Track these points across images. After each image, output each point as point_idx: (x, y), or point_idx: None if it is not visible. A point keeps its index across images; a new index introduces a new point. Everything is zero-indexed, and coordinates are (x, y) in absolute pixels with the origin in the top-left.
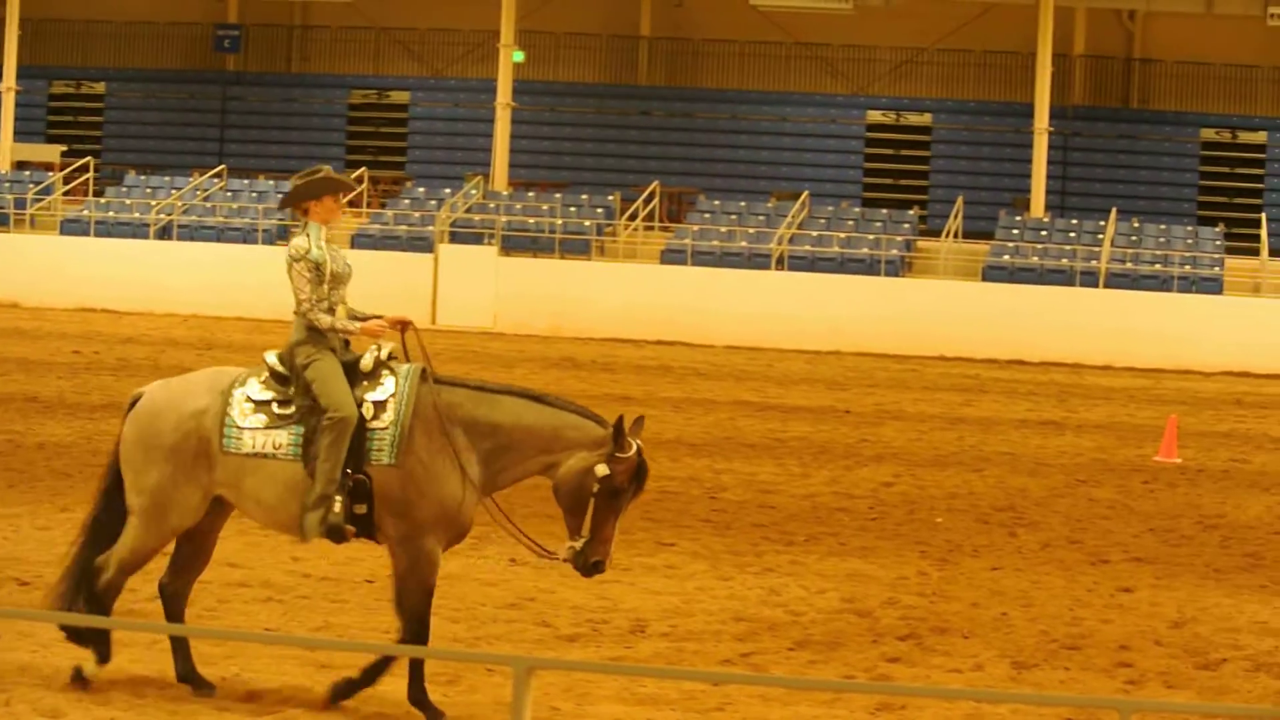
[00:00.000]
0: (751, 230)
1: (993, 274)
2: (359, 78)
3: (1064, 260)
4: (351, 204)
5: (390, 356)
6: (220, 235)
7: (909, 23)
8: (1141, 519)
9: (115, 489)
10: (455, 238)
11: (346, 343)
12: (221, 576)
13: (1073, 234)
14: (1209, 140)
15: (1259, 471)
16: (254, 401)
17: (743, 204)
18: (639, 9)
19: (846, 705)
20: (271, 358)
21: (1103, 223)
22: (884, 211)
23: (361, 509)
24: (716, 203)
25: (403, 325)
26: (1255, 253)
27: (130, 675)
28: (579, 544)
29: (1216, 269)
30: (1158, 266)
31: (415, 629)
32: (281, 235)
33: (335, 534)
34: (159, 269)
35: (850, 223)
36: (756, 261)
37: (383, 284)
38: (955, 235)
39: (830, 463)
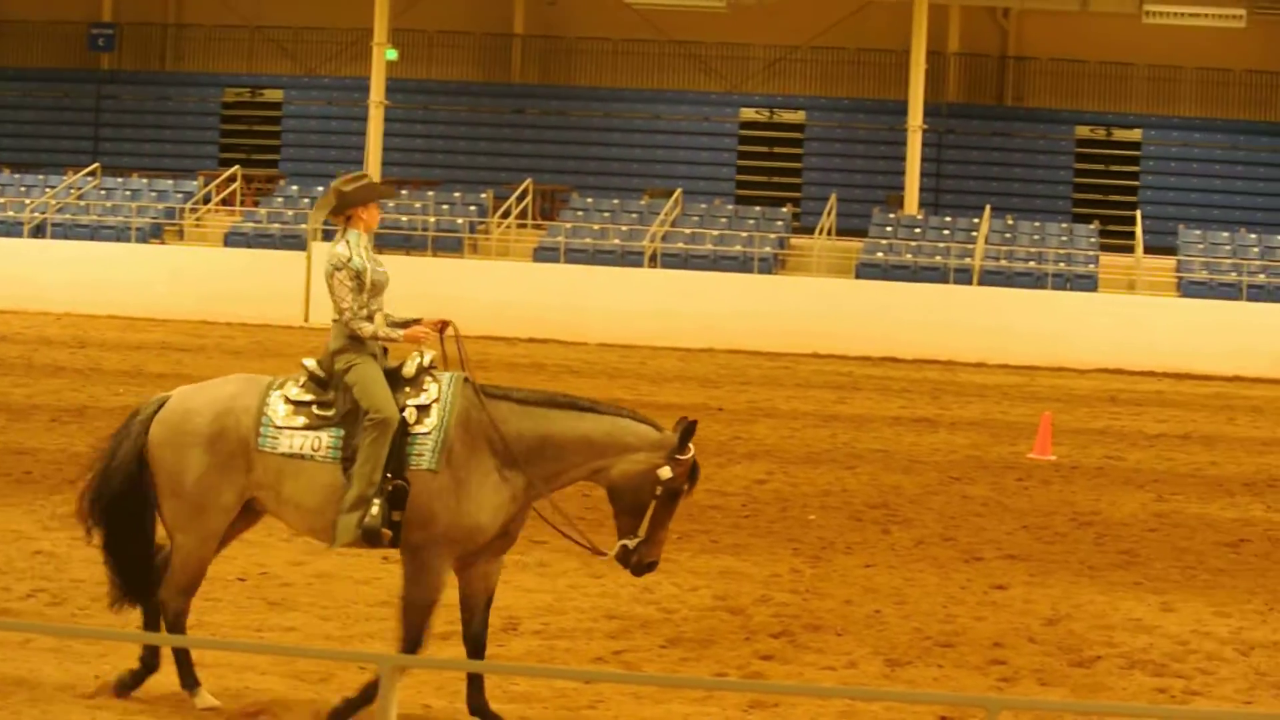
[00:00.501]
0: (624, 228)
1: (866, 271)
2: (233, 76)
3: (938, 258)
4: (225, 202)
5: (431, 365)
6: (94, 233)
7: (783, 20)
8: (1015, 516)
9: (127, 495)
10: (328, 236)
11: (384, 350)
12: (95, 575)
13: (946, 231)
14: (1084, 137)
15: (1133, 469)
16: (293, 403)
17: (616, 201)
18: (512, 7)
19: (719, 703)
20: (310, 363)
21: (977, 220)
22: (757, 209)
23: (398, 515)
24: (589, 200)
25: (442, 326)
26: (1130, 250)
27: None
28: (632, 544)
29: (1091, 266)
30: (1032, 264)
31: (412, 639)
32: (156, 233)
33: (371, 537)
34: (33, 267)
35: (723, 220)
36: (629, 259)
37: (256, 282)
38: (828, 233)
39: (702, 460)
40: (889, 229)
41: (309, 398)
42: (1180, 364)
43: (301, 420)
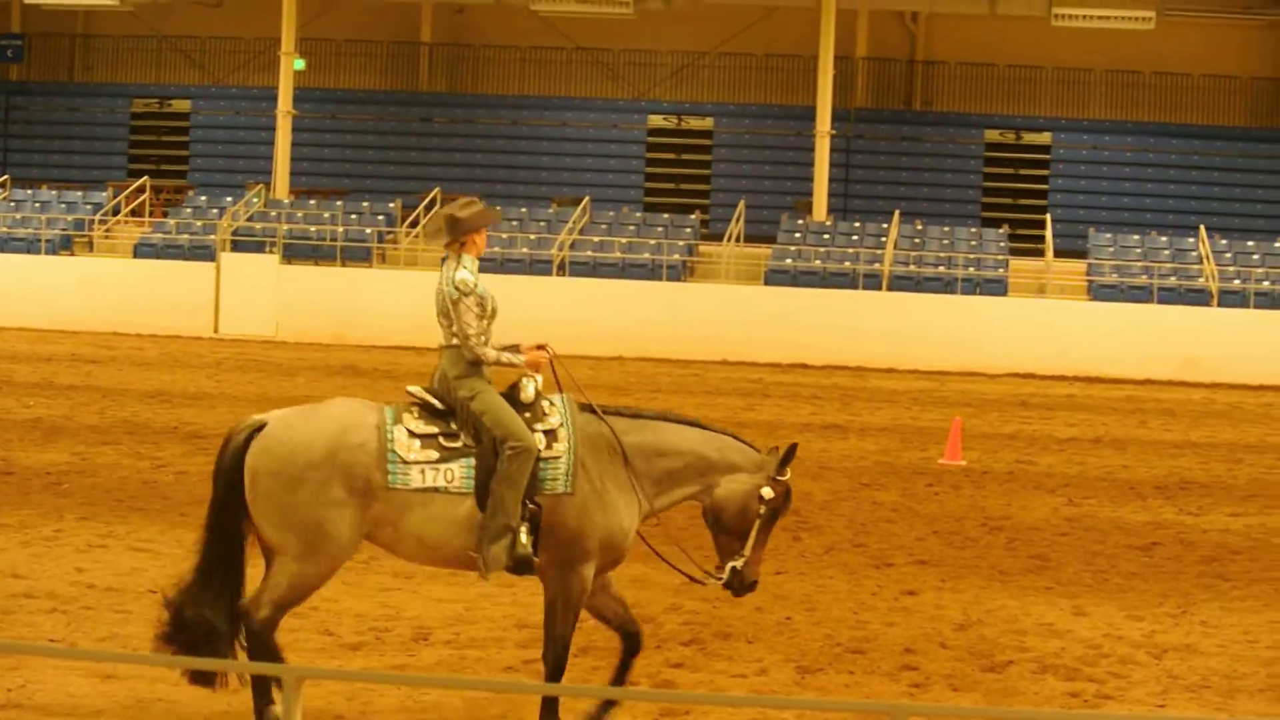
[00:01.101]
0: (533, 236)
1: (775, 278)
2: (141, 87)
3: (847, 263)
4: (134, 213)
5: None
6: (3, 245)
7: (690, 26)
8: (926, 522)
9: (224, 525)
10: (237, 246)
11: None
12: (6, 587)
13: (855, 237)
14: (993, 141)
15: (1044, 473)
16: (418, 435)
17: (524, 210)
18: (419, 16)
19: (630, 711)
20: (417, 390)
21: (886, 225)
22: (665, 216)
23: (529, 539)
24: (498, 209)
25: (539, 348)
26: (1040, 254)
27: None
28: (740, 564)
29: (1001, 270)
30: (941, 269)
31: (561, 654)
32: (65, 245)
33: (524, 565)
34: None
35: (632, 228)
36: (538, 267)
37: (165, 293)
38: (737, 239)
39: None
40: (798, 235)
41: (434, 429)
42: (1091, 368)
43: (433, 454)
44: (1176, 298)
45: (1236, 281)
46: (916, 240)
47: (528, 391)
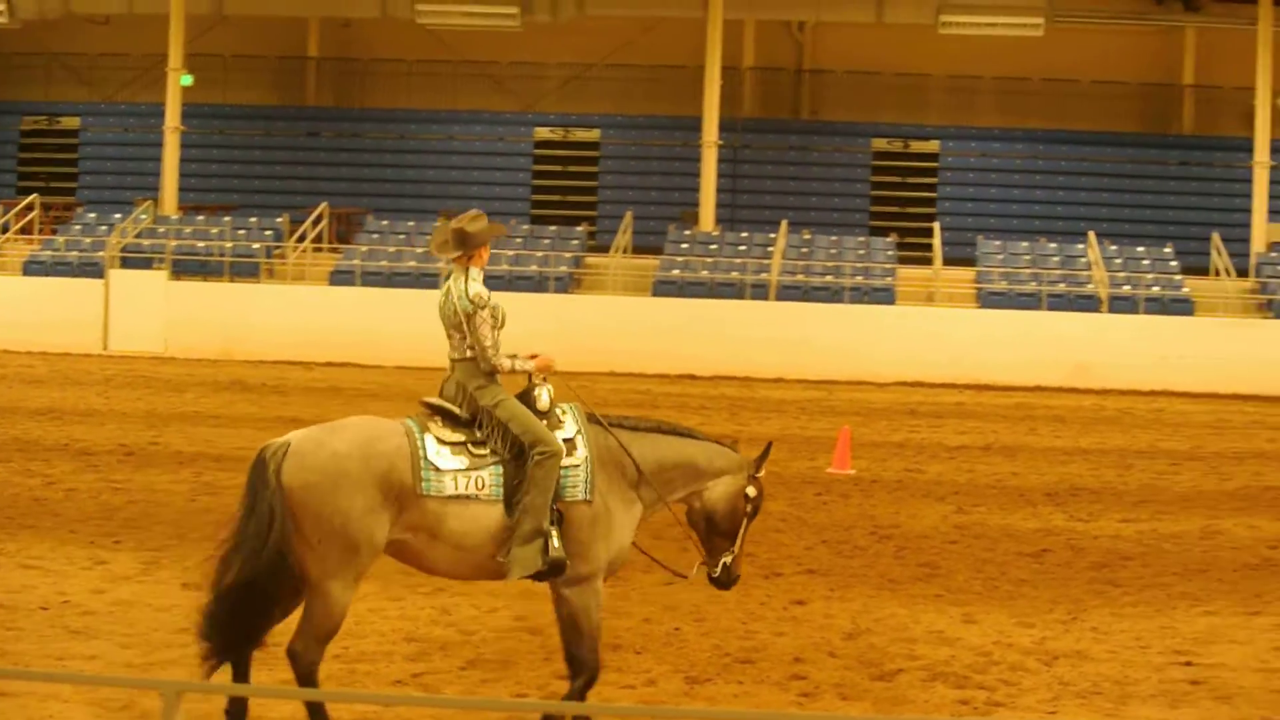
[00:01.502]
0: (420, 250)
1: (663, 289)
2: (29, 104)
3: (734, 273)
4: (23, 231)
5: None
6: None
7: (576, 39)
8: (815, 531)
9: (267, 547)
10: (126, 263)
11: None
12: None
13: (743, 247)
14: (880, 150)
15: (933, 481)
16: (448, 444)
17: (411, 223)
18: (306, 31)
19: None
20: (435, 401)
21: (773, 235)
22: (552, 228)
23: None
24: (385, 223)
25: (532, 358)
26: (928, 262)
27: None
28: (729, 560)
29: (889, 279)
30: (829, 278)
31: (593, 675)
32: None
33: (557, 568)
34: None
35: (519, 240)
36: (425, 281)
37: (55, 310)
38: (624, 250)
39: None
40: (685, 245)
41: (461, 437)
42: (980, 375)
43: (464, 461)
44: (1066, 304)
45: (1126, 287)
46: (804, 250)
47: (543, 400)
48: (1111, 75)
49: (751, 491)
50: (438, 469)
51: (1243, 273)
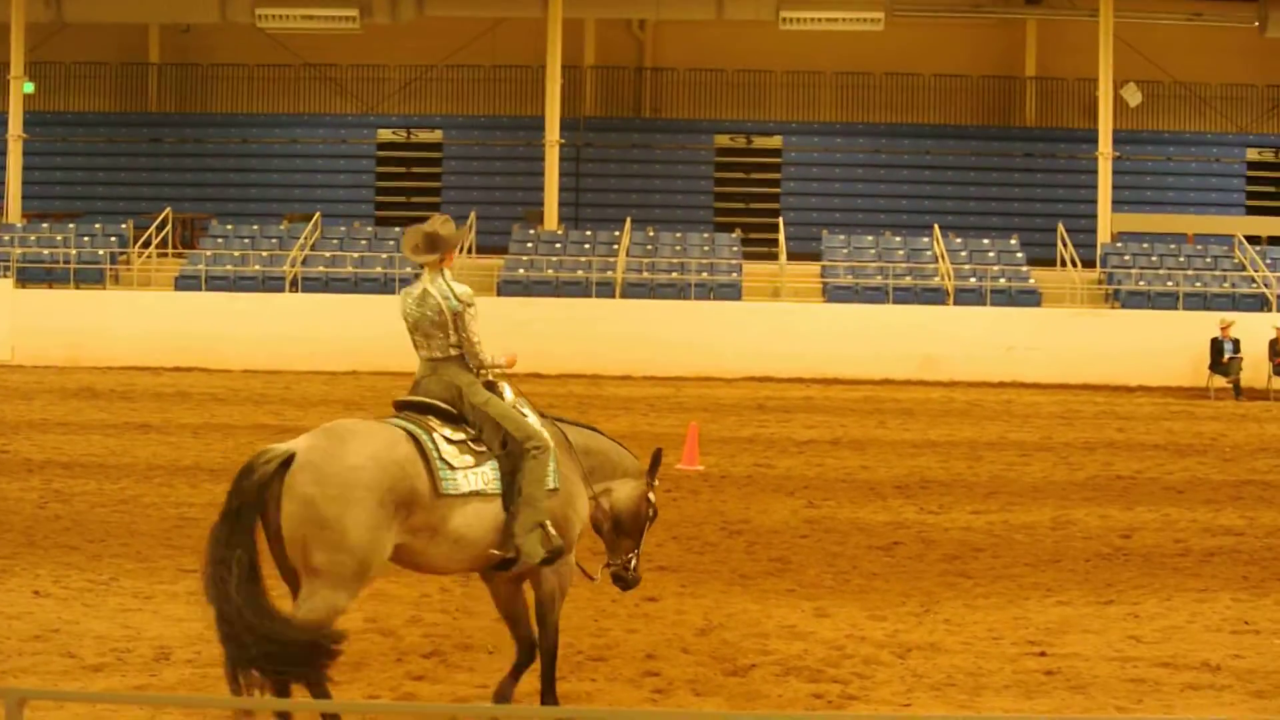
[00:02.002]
0: (265, 253)
1: (508, 288)
2: None
3: (579, 272)
4: None
5: None
6: None
7: (417, 40)
8: (665, 527)
9: (246, 547)
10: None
11: None
12: None
13: (588, 245)
14: (723, 146)
15: (783, 476)
16: (454, 443)
17: (255, 227)
18: (147, 36)
19: None
20: (427, 400)
21: (618, 233)
22: (397, 230)
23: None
24: (229, 227)
25: None
26: (773, 258)
27: None
28: (632, 560)
29: (734, 275)
30: (675, 275)
31: (555, 639)
32: None
33: (557, 554)
34: None
35: (363, 242)
36: (271, 284)
37: None
38: (469, 250)
39: None
40: (530, 245)
41: (463, 435)
42: (828, 370)
43: (470, 459)
44: (912, 297)
45: (972, 280)
46: (649, 247)
47: (508, 395)
48: (953, 69)
49: (653, 496)
50: (452, 467)
51: (1089, 263)
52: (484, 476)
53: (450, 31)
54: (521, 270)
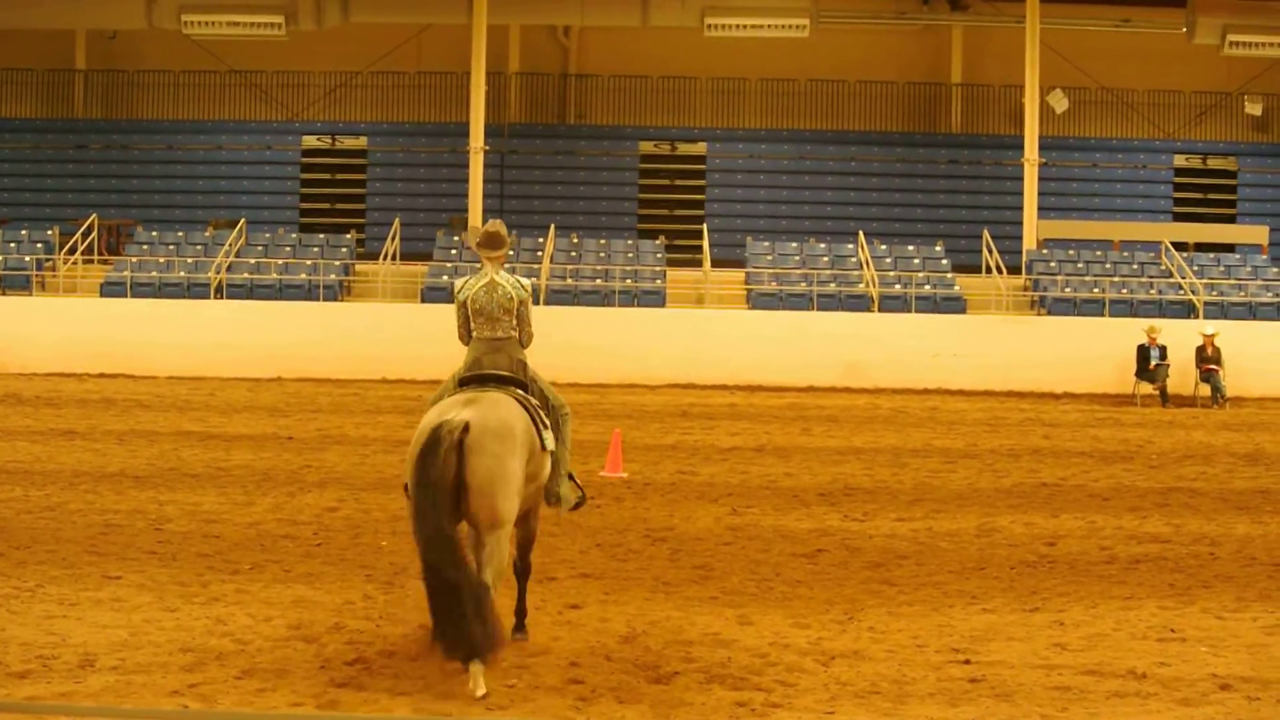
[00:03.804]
0: (190, 260)
1: (432, 295)
2: None
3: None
4: None
5: None
6: None
7: (342, 47)
8: (588, 534)
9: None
10: None
11: None
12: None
13: (511, 252)
14: (648, 153)
15: (706, 483)
16: (537, 408)
17: (180, 234)
18: (73, 43)
19: None
20: (506, 373)
21: (542, 239)
22: (321, 236)
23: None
24: (154, 234)
25: None
26: (698, 264)
27: None
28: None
29: (659, 282)
30: (599, 281)
31: (529, 568)
32: None
33: (583, 501)
34: None
35: (287, 249)
36: (195, 291)
37: None
38: (393, 258)
39: (274, 490)
40: (453, 252)
41: (536, 401)
42: (752, 376)
43: (547, 419)
44: (837, 304)
45: (897, 286)
46: (573, 253)
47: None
48: (879, 75)
49: None
50: (545, 427)
51: (1014, 270)
52: (550, 437)
53: (375, 38)
54: (445, 277)
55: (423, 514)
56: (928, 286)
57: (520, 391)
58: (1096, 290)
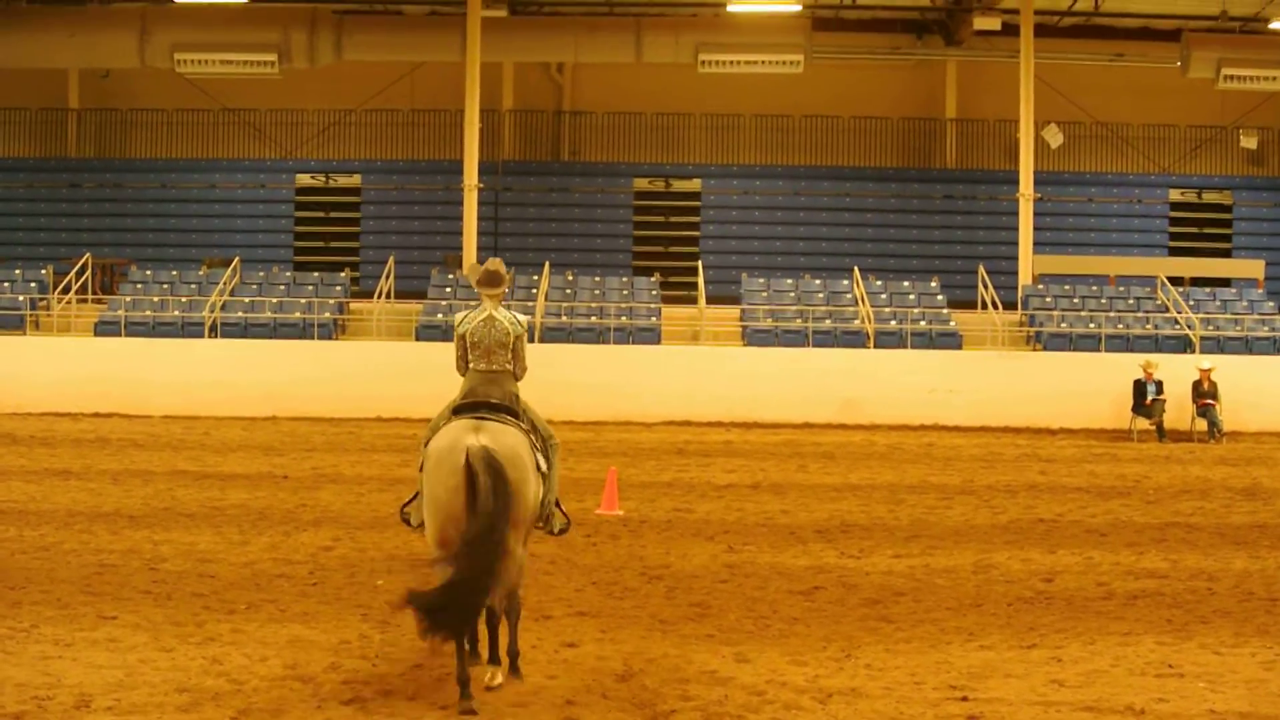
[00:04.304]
0: (184, 299)
1: (426, 333)
2: None
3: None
4: None
5: None
6: None
7: (336, 85)
8: (584, 572)
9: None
10: None
11: None
12: None
13: (509, 288)
14: (642, 190)
15: (702, 520)
16: (531, 434)
17: (174, 273)
18: (67, 82)
19: None
20: (501, 401)
21: (536, 277)
22: (316, 274)
23: None
24: (149, 272)
25: None
26: (693, 301)
27: None
28: None
29: (654, 319)
30: (594, 319)
31: (520, 603)
32: None
33: (567, 527)
34: None
35: (281, 287)
36: (190, 330)
37: None
38: (388, 295)
39: (269, 529)
40: (448, 290)
41: (528, 427)
42: (748, 413)
43: (540, 445)
44: (832, 340)
45: (892, 322)
46: (567, 291)
47: None
48: (873, 111)
49: None
50: (539, 451)
51: (1010, 305)
52: (544, 460)
53: (368, 76)
54: (440, 315)
55: (482, 536)
56: (923, 322)
57: (515, 420)
58: (1092, 325)
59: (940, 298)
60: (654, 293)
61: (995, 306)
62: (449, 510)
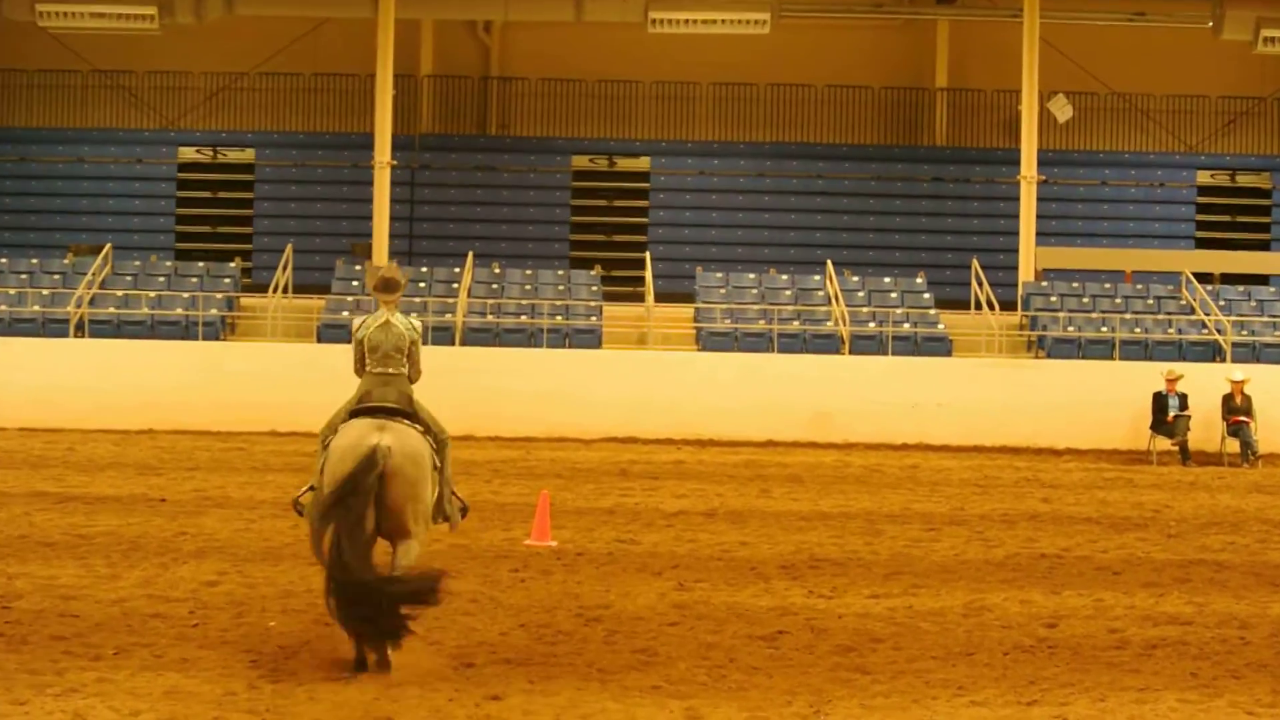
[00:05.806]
0: (46, 291)
1: (329, 333)
2: None
3: (414, 315)
4: None
5: None
6: None
7: (227, 44)
8: (511, 614)
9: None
10: None
11: None
12: None
13: (423, 284)
14: (582, 169)
15: (649, 553)
16: (423, 434)
17: (35, 261)
18: None
19: None
20: (395, 404)
21: (458, 269)
22: (201, 265)
23: None
24: (4, 260)
25: None
26: (639, 299)
27: None
28: None
29: (594, 319)
30: (524, 318)
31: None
32: None
33: (465, 511)
34: None
35: (162, 279)
36: (52, 328)
37: None
38: (285, 290)
39: (143, 561)
40: (355, 284)
41: (421, 428)
42: (703, 429)
43: (433, 444)
44: (801, 345)
45: (871, 324)
46: (494, 285)
47: None
48: (851, 79)
49: None
50: (435, 451)
51: (1008, 305)
52: (437, 458)
53: (265, 34)
54: (345, 313)
55: (351, 524)
56: (907, 325)
57: (411, 422)
58: (1105, 329)
59: (927, 296)
60: (594, 288)
61: (991, 306)
62: None
